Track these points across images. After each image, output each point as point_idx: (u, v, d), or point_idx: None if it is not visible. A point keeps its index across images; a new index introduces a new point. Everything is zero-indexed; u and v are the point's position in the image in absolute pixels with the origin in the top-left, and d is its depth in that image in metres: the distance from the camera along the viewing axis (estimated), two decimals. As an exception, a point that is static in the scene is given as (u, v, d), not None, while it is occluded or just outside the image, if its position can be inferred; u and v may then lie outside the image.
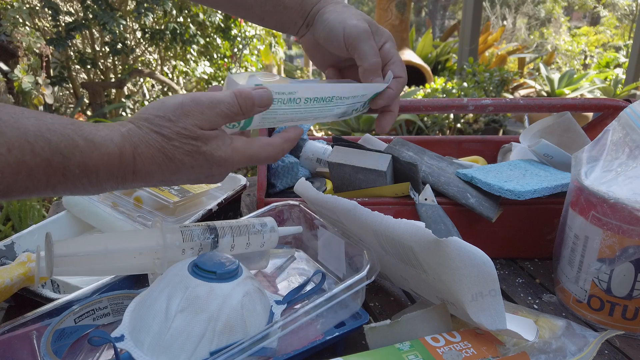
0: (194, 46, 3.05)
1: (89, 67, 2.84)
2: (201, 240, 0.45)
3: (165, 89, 3.48)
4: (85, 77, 3.20)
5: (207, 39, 3.24)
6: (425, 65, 3.89)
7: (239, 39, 3.30)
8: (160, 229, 0.44)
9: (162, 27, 2.93)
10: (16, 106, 0.33)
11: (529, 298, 0.58)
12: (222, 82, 3.51)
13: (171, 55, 3.37)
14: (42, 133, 0.32)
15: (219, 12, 3.15)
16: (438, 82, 3.30)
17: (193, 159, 0.39)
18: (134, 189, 0.41)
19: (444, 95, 3.04)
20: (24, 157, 0.31)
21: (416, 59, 3.87)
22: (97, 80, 3.12)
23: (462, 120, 3.08)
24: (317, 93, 0.45)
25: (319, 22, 0.53)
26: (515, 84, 3.99)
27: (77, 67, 3.07)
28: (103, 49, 3.02)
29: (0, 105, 0.32)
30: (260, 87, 0.41)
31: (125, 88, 3.26)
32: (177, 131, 0.38)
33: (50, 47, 2.52)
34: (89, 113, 3.21)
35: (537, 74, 4.38)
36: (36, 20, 2.77)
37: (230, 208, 0.73)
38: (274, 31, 4.06)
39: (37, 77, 2.41)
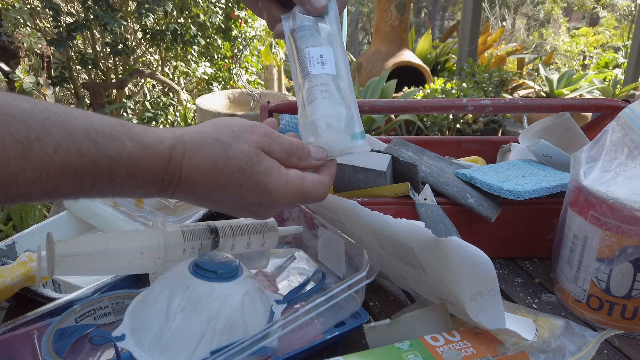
0: (195, 47, 3.06)
1: (90, 67, 2.84)
2: (202, 239, 0.45)
3: (166, 90, 3.48)
4: (86, 77, 3.20)
5: (208, 40, 3.24)
6: (425, 66, 3.89)
7: (239, 39, 3.30)
8: (161, 228, 0.44)
9: (163, 27, 2.93)
10: (65, 105, 0.32)
11: (528, 297, 0.58)
12: (222, 82, 3.51)
13: (172, 55, 3.37)
14: (89, 134, 0.31)
15: (220, 13, 3.14)
16: (437, 83, 3.30)
17: (244, 177, 0.36)
18: (178, 201, 0.38)
19: (443, 96, 3.05)
20: (70, 158, 0.30)
21: (415, 60, 3.88)
22: (98, 81, 3.12)
23: (461, 121, 3.08)
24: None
25: None
26: (514, 85, 3.99)
27: (78, 67, 3.07)
28: (104, 50, 3.02)
29: (50, 104, 0.31)
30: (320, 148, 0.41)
31: (126, 88, 3.26)
32: (239, 140, 0.36)
33: (52, 47, 2.53)
34: (89, 113, 3.20)
35: (536, 74, 4.38)
36: (37, 20, 2.77)
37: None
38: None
39: (38, 78, 2.41)
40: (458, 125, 3.07)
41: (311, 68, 0.42)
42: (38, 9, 2.67)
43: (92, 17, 2.56)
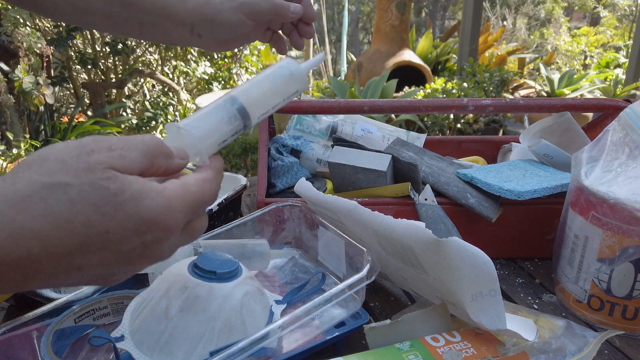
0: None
1: (89, 67, 2.84)
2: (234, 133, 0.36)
3: (166, 89, 3.48)
4: (86, 77, 3.21)
5: (208, 39, 3.24)
6: (425, 66, 3.88)
7: (239, 39, 3.29)
8: None
9: (163, 27, 2.92)
10: None
11: (529, 298, 0.58)
12: (222, 81, 3.51)
13: (172, 55, 3.37)
14: None
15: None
16: (438, 83, 3.30)
17: (106, 217, 0.24)
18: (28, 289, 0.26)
19: (444, 96, 3.04)
20: None
21: (416, 60, 3.87)
22: (97, 81, 3.13)
23: (462, 121, 3.08)
24: None
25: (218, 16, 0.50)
26: (515, 84, 3.99)
27: (78, 67, 3.07)
28: (104, 49, 3.02)
29: None
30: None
31: (126, 88, 3.27)
32: (78, 171, 0.24)
33: (51, 47, 2.53)
34: (89, 113, 3.21)
35: (537, 74, 4.38)
36: (37, 20, 2.77)
37: (230, 208, 0.73)
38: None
39: (37, 78, 2.41)
40: (459, 125, 3.07)
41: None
42: (38, 8, 2.66)
43: (92, 16, 2.55)
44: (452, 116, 3.03)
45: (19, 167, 0.25)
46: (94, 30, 2.87)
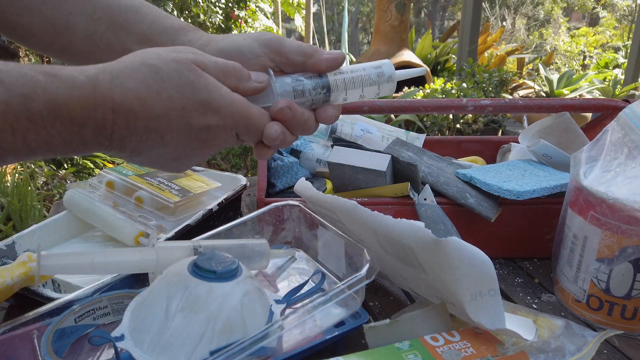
0: (194, 47, 3.06)
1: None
2: (312, 95, 0.40)
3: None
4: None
5: (207, 40, 3.24)
6: (425, 66, 3.89)
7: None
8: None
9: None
10: None
11: (528, 298, 0.58)
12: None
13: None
14: None
15: (220, 12, 3.15)
16: (437, 83, 3.30)
17: (185, 97, 0.33)
18: (124, 150, 0.33)
19: (444, 96, 3.04)
20: None
21: (416, 60, 3.87)
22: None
23: (461, 121, 3.08)
24: None
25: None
26: (514, 85, 3.99)
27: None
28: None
29: None
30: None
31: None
32: (167, 60, 0.33)
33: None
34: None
35: (536, 74, 4.38)
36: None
37: (230, 208, 0.73)
38: (274, 32, 4.07)
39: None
40: (458, 126, 3.07)
41: None
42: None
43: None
44: (451, 116, 3.03)
45: (126, 55, 0.33)
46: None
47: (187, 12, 3.03)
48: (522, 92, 3.98)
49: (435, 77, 3.76)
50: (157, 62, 0.32)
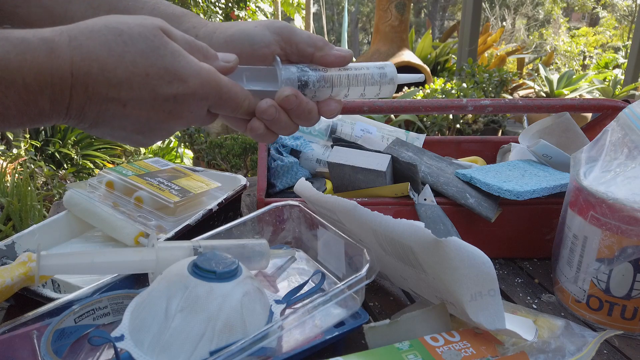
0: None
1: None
2: (315, 88, 0.40)
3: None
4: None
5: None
6: (425, 66, 3.89)
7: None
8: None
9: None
10: None
11: (528, 298, 0.58)
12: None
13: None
14: None
15: (220, 12, 3.15)
16: (437, 83, 3.30)
17: (149, 62, 0.30)
18: (83, 120, 0.31)
19: (443, 96, 3.05)
20: None
21: (415, 60, 3.87)
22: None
23: (461, 121, 3.08)
24: None
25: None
26: (514, 85, 3.99)
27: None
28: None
29: None
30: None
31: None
32: (132, 24, 0.31)
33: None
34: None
35: (536, 74, 4.38)
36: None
37: (230, 208, 0.73)
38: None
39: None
40: (458, 126, 3.07)
41: None
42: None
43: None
44: (451, 116, 3.03)
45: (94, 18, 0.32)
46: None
47: (187, 12, 3.03)
48: (522, 92, 3.98)
49: (435, 77, 3.76)
50: (120, 26, 0.30)
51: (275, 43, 0.39)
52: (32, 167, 2.20)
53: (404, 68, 3.77)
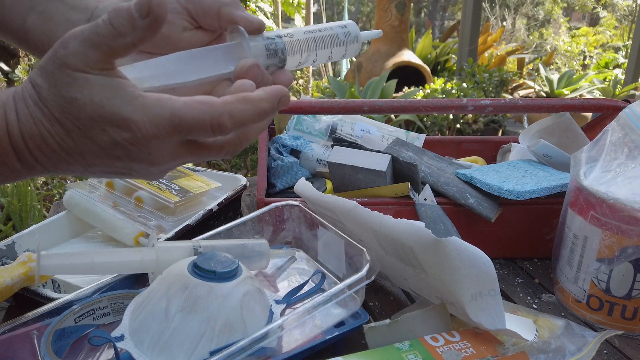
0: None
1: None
2: (280, 55, 0.35)
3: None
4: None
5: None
6: (425, 66, 3.88)
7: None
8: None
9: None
10: None
11: (528, 298, 0.58)
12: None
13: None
14: None
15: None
16: (437, 83, 3.30)
17: (67, 117, 0.26)
18: (66, 171, 0.29)
19: (444, 96, 3.05)
20: None
21: (416, 60, 3.87)
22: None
23: (461, 121, 3.08)
24: None
25: None
26: (514, 85, 3.99)
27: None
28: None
29: None
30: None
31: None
32: (44, 81, 0.27)
33: (50, 47, 2.52)
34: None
35: (536, 74, 4.38)
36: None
37: (230, 208, 0.73)
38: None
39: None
40: (458, 125, 3.07)
41: None
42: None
43: (92, 16, 2.55)
44: (451, 116, 3.03)
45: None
46: None
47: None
48: (522, 92, 3.97)
49: (435, 77, 3.76)
50: (35, 78, 0.27)
51: (174, 1, 0.33)
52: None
53: (404, 68, 3.77)
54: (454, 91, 3.08)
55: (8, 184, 1.94)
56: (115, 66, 0.28)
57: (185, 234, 0.61)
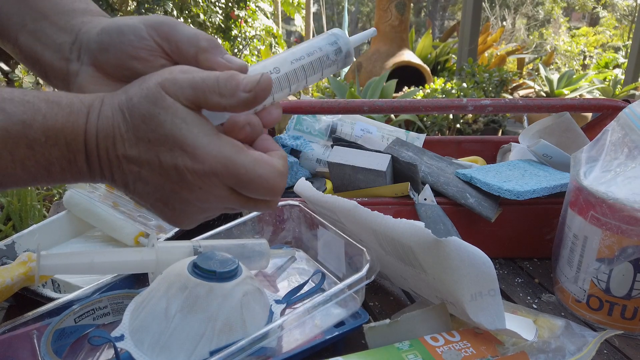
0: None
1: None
2: (273, 93, 0.34)
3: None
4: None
5: (207, 40, 3.25)
6: (425, 66, 3.89)
7: (239, 39, 3.31)
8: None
9: (162, 27, 2.93)
10: None
11: (528, 298, 0.58)
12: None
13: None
14: None
15: (219, 12, 3.15)
16: (437, 83, 3.30)
17: (149, 128, 0.29)
18: (114, 181, 0.31)
19: (444, 96, 3.05)
20: None
21: (416, 60, 3.87)
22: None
23: (461, 121, 3.08)
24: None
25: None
26: (514, 85, 3.99)
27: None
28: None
29: None
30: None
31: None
32: (139, 81, 0.30)
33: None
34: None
35: (536, 74, 4.38)
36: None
37: (230, 208, 0.73)
38: (274, 31, 4.07)
39: (37, 77, 2.41)
40: (458, 125, 3.07)
41: None
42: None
43: (91, 16, 2.56)
44: (451, 116, 3.03)
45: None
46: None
47: (187, 12, 3.03)
48: (522, 92, 3.97)
49: (435, 77, 3.76)
50: (131, 86, 0.30)
51: (150, 38, 0.34)
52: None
53: (404, 68, 3.77)
54: (454, 91, 3.08)
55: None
56: (201, 111, 0.30)
57: (185, 233, 0.61)
